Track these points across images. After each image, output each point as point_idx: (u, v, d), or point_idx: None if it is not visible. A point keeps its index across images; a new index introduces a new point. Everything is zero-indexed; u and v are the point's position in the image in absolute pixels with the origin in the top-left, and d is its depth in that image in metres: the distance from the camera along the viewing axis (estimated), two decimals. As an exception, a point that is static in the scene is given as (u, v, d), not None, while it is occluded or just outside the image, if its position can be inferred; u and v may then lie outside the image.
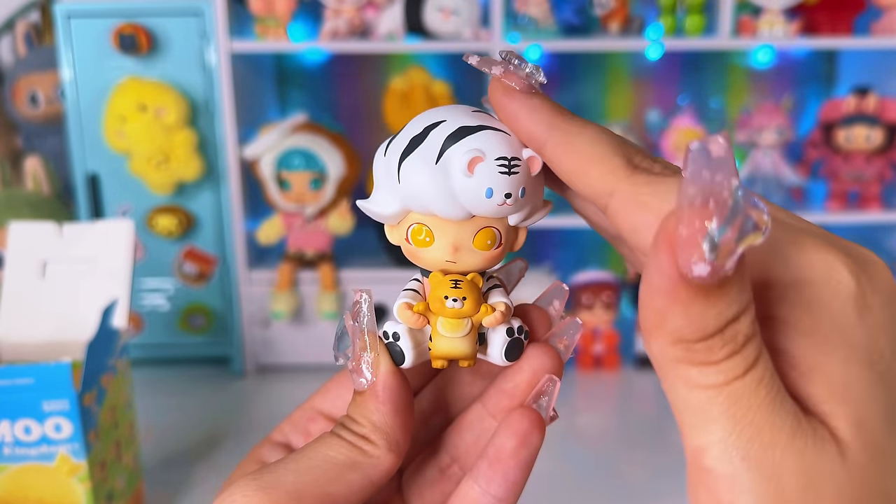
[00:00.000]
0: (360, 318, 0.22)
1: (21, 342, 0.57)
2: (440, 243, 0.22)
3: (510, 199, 0.21)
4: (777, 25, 0.81)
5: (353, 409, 0.23)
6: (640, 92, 0.99)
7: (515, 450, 0.22)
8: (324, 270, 0.84)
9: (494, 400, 0.24)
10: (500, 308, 0.22)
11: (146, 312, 0.89)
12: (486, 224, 0.22)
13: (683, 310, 0.16)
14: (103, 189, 0.85)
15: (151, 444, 0.69)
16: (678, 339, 0.16)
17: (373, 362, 0.22)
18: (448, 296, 0.22)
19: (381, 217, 0.23)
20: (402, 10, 0.81)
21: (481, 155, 0.21)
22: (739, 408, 0.16)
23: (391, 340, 0.22)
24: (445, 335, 0.22)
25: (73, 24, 0.81)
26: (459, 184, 0.21)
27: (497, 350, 0.23)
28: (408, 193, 0.21)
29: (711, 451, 0.16)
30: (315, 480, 0.21)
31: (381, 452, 0.22)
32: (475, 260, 0.22)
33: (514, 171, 0.21)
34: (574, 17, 0.85)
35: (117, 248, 0.57)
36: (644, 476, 0.67)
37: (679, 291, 0.16)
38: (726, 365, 0.16)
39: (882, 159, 0.86)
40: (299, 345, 0.87)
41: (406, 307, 0.22)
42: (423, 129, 0.22)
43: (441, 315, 0.22)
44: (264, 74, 0.95)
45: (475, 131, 0.21)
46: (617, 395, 0.85)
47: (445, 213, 0.21)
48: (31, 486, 0.50)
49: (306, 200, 0.83)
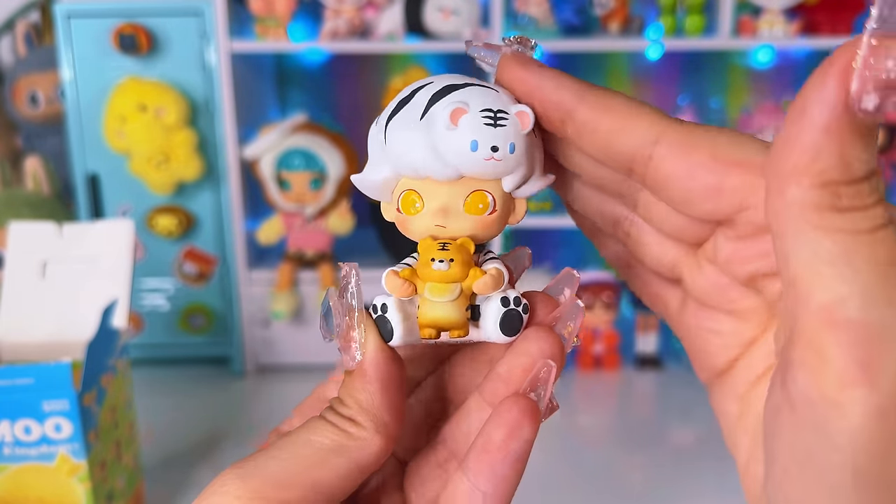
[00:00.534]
0: (346, 294, 0.21)
1: (21, 342, 0.57)
2: (429, 207, 0.21)
3: (497, 153, 0.20)
4: (777, 25, 0.81)
5: (341, 390, 0.21)
6: (640, 92, 0.99)
7: (504, 441, 0.20)
8: (324, 270, 0.84)
9: (491, 386, 0.22)
10: (491, 271, 0.21)
11: (146, 312, 0.89)
12: (478, 187, 0.21)
13: (840, 146, 0.15)
14: (103, 189, 0.85)
15: (151, 444, 0.69)
16: (826, 182, 0.16)
17: (360, 338, 0.21)
18: (435, 258, 0.20)
19: (374, 187, 0.21)
20: (401, 10, 0.81)
21: (464, 107, 0.20)
22: (884, 253, 0.16)
23: (380, 314, 0.21)
24: (432, 299, 0.21)
25: (73, 24, 0.81)
26: (443, 137, 0.20)
27: (491, 323, 0.21)
28: (395, 155, 0.21)
29: (852, 301, 0.15)
30: (298, 466, 0.20)
31: (367, 434, 0.21)
32: (466, 224, 0.21)
33: (500, 124, 0.20)
34: (574, 17, 0.85)
35: (117, 248, 0.57)
36: (644, 476, 0.67)
37: (842, 124, 0.15)
38: (872, 212, 0.16)
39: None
40: (299, 345, 0.87)
41: (392, 273, 0.21)
42: (410, 92, 0.21)
43: (427, 279, 0.21)
44: (264, 74, 0.95)
45: (461, 87, 0.21)
46: (617, 395, 0.85)
47: (432, 170, 0.20)
48: (31, 485, 0.50)
49: (306, 200, 0.83)
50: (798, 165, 0.16)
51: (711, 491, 0.63)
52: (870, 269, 0.15)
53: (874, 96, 0.15)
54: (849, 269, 0.16)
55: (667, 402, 0.82)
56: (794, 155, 0.16)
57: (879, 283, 0.15)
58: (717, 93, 0.99)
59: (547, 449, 0.71)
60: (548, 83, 0.20)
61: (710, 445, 0.72)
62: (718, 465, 0.67)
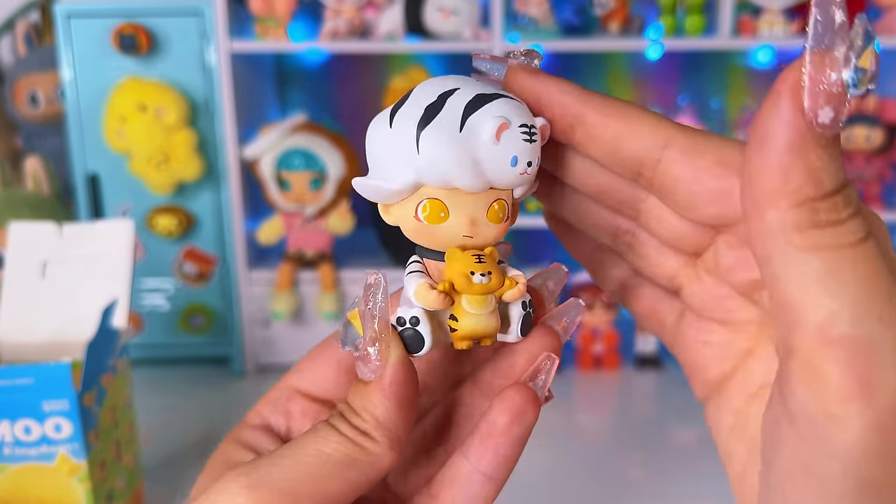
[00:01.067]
0: (373, 303, 0.21)
1: (21, 342, 0.57)
2: (457, 218, 0.21)
3: (531, 168, 0.21)
4: (777, 25, 0.81)
5: (355, 400, 0.21)
6: (640, 92, 0.99)
7: (508, 426, 0.21)
8: (324, 270, 0.84)
9: (489, 379, 0.23)
10: (520, 280, 0.22)
11: (146, 312, 0.89)
12: (499, 196, 0.21)
13: (806, 163, 0.16)
14: (103, 189, 0.85)
15: (151, 444, 0.69)
16: (802, 200, 0.16)
17: (381, 352, 0.21)
18: (475, 271, 0.21)
19: (386, 194, 0.21)
20: (401, 10, 0.81)
21: (507, 122, 0.20)
22: (868, 268, 0.16)
23: (408, 326, 0.21)
24: (473, 312, 0.21)
25: (73, 24, 0.81)
26: (486, 152, 0.20)
27: (515, 325, 0.22)
28: (427, 164, 0.20)
29: (842, 317, 0.16)
30: (309, 478, 0.20)
31: (382, 451, 0.20)
32: (491, 233, 0.21)
33: (534, 139, 0.21)
34: (574, 18, 0.85)
35: (117, 249, 0.57)
36: (644, 476, 0.67)
37: (804, 141, 0.16)
38: (851, 225, 0.16)
39: (882, 159, 0.86)
40: (299, 345, 0.87)
41: (428, 287, 0.21)
42: (437, 97, 0.21)
43: (467, 292, 0.21)
44: (264, 74, 0.95)
45: (492, 98, 0.21)
46: (617, 395, 0.85)
47: (468, 183, 0.20)
48: (31, 486, 0.50)
49: (306, 200, 0.83)
50: (772, 189, 0.16)
51: (711, 491, 0.63)
52: (857, 283, 0.16)
53: (828, 109, 0.15)
54: (837, 285, 0.16)
55: (667, 402, 0.82)
56: (766, 179, 0.16)
57: (868, 297, 0.16)
58: (717, 93, 0.99)
59: (547, 449, 0.71)
60: (555, 90, 0.21)
61: (710, 445, 0.71)
62: (718, 465, 0.67)
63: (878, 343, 0.15)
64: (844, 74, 0.15)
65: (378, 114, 0.22)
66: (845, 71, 0.15)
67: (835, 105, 0.15)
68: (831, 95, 0.15)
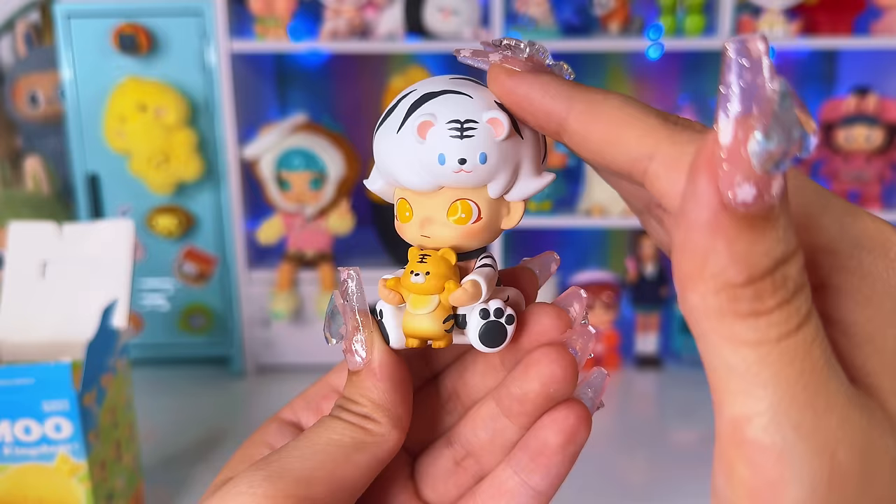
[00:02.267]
0: (349, 297, 0.22)
1: (21, 342, 0.57)
2: (415, 216, 0.21)
3: (466, 165, 0.19)
4: (777, 25, 0.81)
5: (350, 390, 0.22)
6: (640, 92, 0.99)
7: (562, 446, 0.21)
8: (324, 270, 0.84)
9: (507, 403, 0.22)
10: (465, 285, 0.20)
11: (146, 312, 0.89)
12: (460, 195, 0.20)
13: (727, 245, 0.14)
14: (103, 189, 0.85)
15: (151, 444, 0.69)
16: (722, 285, 0.14)
17: (366, 339, 0.21)
18: (413, 270, 0.20)
19: (378, 192, 0.22)
20: (402, 10, 0.81)
21: (431, 119, 0.19)
22: (793, 369, 0.14)
23: (379, 319, 0.22)
24: (411, 311, 0.21)
25: (73, 24, 0.81)
26: (415, 151, 0.20)
27: (473, 333, 0.21)
28: (380, 165, 0.21)
29: (758, 420, 0.15)
30: (321, 465, 0.21)
31: (385, 430, 0.21)
32: (448, 233, 0.21)
33: (466, 135, 0.19)
34: (574, 17, 0.85)
35: (117, 249, 0.57)
36: (644, 476, 0.67)
37: (722, 222, 0.14)
38: (777, 316, 0.14)
39: (882, 159, 0.86)
40: (299, 345, 0.87)
41: (381, 282, 0.21)
42: (396, 100, 0.21)
43: (406, 290, 0.21)
44: (264, 74, 0.95)
45: (437, 96, 0.20)
46: (617, 395, 0.85)
47: (410, 182, 0.20)
48: (31, 485, 0.50)
49: (306, 200, 0.83)
50: (691, 271, 0.15)
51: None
52: (776, 386, 0.15)
53: (747, 186, 0.14)
54: (757, 384, 0.15)
55: (667, 402, 0.82)
56: (686, 260, 0.15)
57: (786, 404, 0.15)
58: (717, 92, 0.99)
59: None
60: (536, 93, 0.20)
61: (710, 445, 0.72)
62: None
63: (789, 455, 0.15)
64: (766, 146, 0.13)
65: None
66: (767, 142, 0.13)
67: (756, 181, 0.14)
68: (751, 171, 0.14)
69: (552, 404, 0.22)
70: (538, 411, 0.22)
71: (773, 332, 0.14)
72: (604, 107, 0.19)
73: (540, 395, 0.21)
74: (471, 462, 0.24)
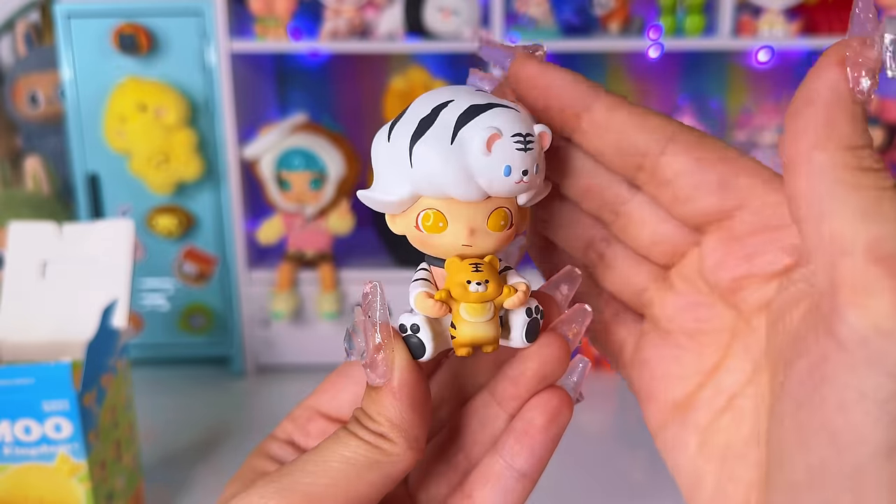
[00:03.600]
0: (372, 312, 0.21)
1: (21, 342, 0.57)
2: (455, 227, 0.21)
3: (527, 177, 0.21)
4: (777, 25, 0.81)
5: (369, 406, 0.22)
6: (640, 92, 0.99)
7: (545, 426, 0.22)
8: (324, 270, 0.84)
9: (501, 387, 0.23)
10: (521, 288, 0.22)
11: (146, 312, 0.89)
12: (499, 204, 0.21)
13: (849, 120, 0.18)
14: (103, 189, 0.85)
15: (151, 444, 0.69)
16: (848, 145, 0.18)
17: (387, 357, 0.21)
18: (471, 280, 0.21)
19: (387, 206, 0.22)
20: (401, 10, 0.81)
21: (498, 132, 0.20)
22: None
23: (409, 333, 0.22)
24: (470, 320, 0.21)
25: (73, 24, 0.81)
26: (477, 163, 0.20)
27: (518, 332, 0.22)
28: (421, 177, 0.21)
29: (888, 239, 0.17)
30: (334, 482, 0.21)
31: (400, 451, 0.21)
32: (490, 242, 0.21)
33: (529, 147, 0.21)
34: (574, 17, 0.85)
35: (117, 248, 0.57)
36: (644, 476, 0.67)
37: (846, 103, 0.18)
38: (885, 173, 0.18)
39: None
40: (299, 345, 0.87)
41: (426, 296, 0.21)
42: (431, 110, 0.21)
43: (464, 301, 0.21)
44: (264, 74, 0.95)
45: (486, 109, 0.21)
46: (617, 395, 0.85)
47: (462, 194, 0.21)
48: (31, 485, 0.50)
49: (306, 200, 0.83)
50: (819, 138, 0.18)
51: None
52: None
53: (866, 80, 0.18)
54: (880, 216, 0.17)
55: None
56: (813, 131, 0.18)
57: None
58: (717, 92, 0.99)
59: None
60: (564, 79, 0.22)
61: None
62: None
63: None
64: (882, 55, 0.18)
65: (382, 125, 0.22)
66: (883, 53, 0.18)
67: (871, 77, 0.18)
68: (869, 69, 0.18)
69: (541, 387, 0.23)
70: (529, 394, 0.23)
71: (885, 183, 0.18)
72: (626, 100, 0.22)
73: (536, 374, 0.22)
74: (461, 458, 0.24)
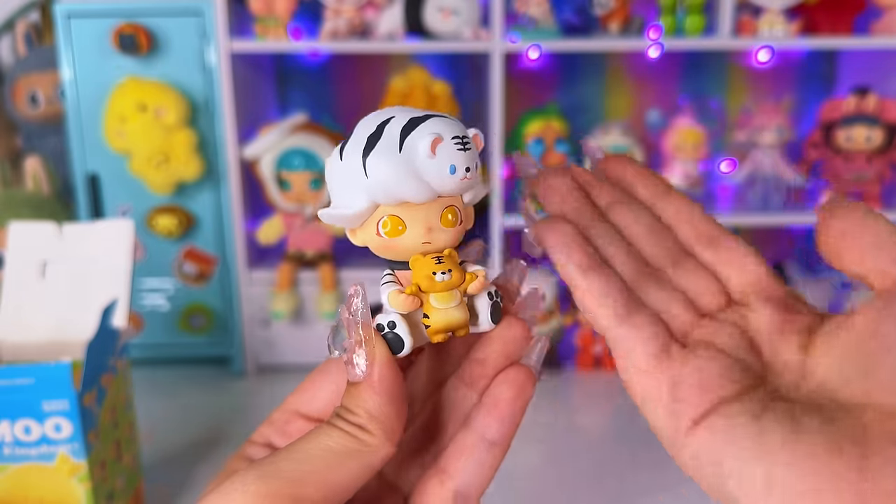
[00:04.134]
0: (354, 311, 0.23)
1: (21, 342, 0.57)
2: (413, 228, 0.23)
3: (469, 173, 0.23)
4: (777, 25, 0.81)
5: (348, 400, 0.23)
6: (640, 92, 0.99)
7: (513, 398, 0.24)
8: (324, 270, 0.84)
9: (468, 370, 0.25)
10: (480, 274, 0.24)
11: (146, 312, 0.89)
12: (449, 203, 0.24)
13: None
14: (103, 189, 0.85)
15: (151, 444, 0.69)
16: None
17: (368, 353, 0.23)
18: (436, 271, 0.23)
19: (349, 220, 0.24)
20: (402, 10, 0.81)
21: (440, 136, 0.22)
22: None
23: (387, 330, 0.23)
24: (441, 307, 0.24)
25: (73, 24, 0.81)
26: (424, 166, 0.22)
27: (485, 315, 0.24)
28: (377, 186, 0.23)
29: None
30: (315, 469, 0.22)
31: (378, 441, 0.22)
32: (446, 237, 0.24)
33: (468, 147, 0.23)
34: (574, 17, 0.85)
35: (117, 248, 0.57)
36: (644, 476, 0.67)
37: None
38: None
39: (882, 159, 0.86)
40: (299, 345, 0.87)
41: (398, 292, 0.23)
42: (376, 127, 0.23)
43: (432, 291, 0.23)
44: (264, 74, 0.95)
45: (425, 119, 0.23)
46: (617, 395, 0.85)
47: (415, 196, 0.23)
48: (31, 485, 0.50)
49: (306, 200, 0.83)
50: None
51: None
52: None
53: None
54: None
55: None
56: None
57: None
58: (717, 92, 0.99)
59: (547, 448, 0.71)
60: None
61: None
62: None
63: None
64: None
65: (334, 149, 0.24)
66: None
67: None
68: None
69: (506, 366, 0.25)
70: (495, 373, 0.25)
71: None
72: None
73: (500, 354, 0.25)
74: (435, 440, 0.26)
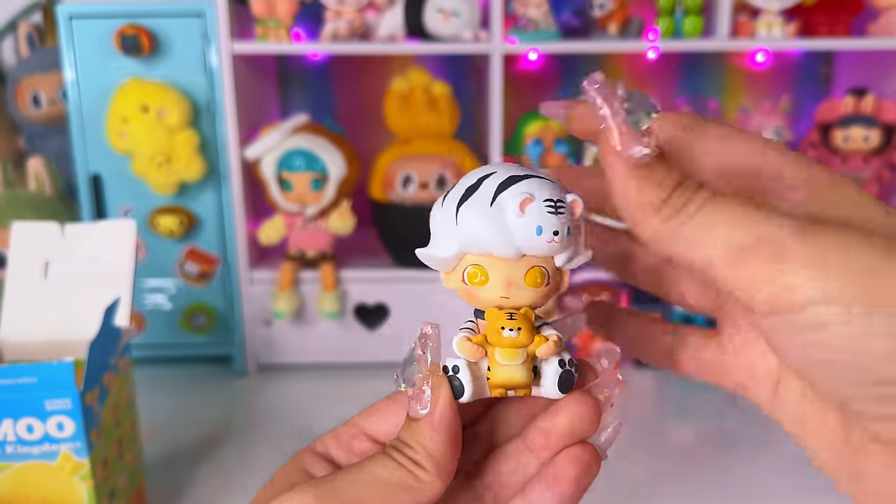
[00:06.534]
0: (426, 349, 0.24)
1: (23, 341, 0.57)
2: (495, 280, 0.24)
3: (557, 237, 0.23)
4: (775, 27, 0.82)
5: (407, 435, 0.24)
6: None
7: (577, 478, 0.24)
8: (325, 270, 0.85)
9: (532, 436, 0.26)
10: (552, 338, 0.24)
11: (148, 312, 0.89)
12: (536, 263, 0.24)
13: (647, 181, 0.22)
14: (106, 189, 0.85)
15: (153, 443, 0.69)
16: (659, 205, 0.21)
17: (433, 391, 0.24)
18: (504, 326, 0.24)
19: (440, 262, 0.25)
20: (402, 11, 0.82)
21: (531, 196, 0.23)
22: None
23: (451, 374, 0.24)
24: (503, 363, 0.24)
25: (75, 25, 0.81)
26: (512, 223, 0.23)
27: (550, 381, 0.25)
28: (466, 235, 0.24)
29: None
30: (369, 495, 0.22)
31: (431, 479, 0.23)
32: (527, 295, 0.24)
33: (559, 211, 0.23)
34: (573, 19, 0.86)
35: (119, 248, 0.58)
36: (643, 475, 0.67)
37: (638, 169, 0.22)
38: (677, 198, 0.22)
39: (880, 160, 0.87)
40: (301, 344, 0.88)
41: (465, 339, 0.24)
42: (476, 180, 0.24)
43: (498, 345, 0.24)
44: (265, 76, 0.95)
45: (523, 178, 0.24)
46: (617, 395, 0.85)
47: (500, 250, 0.23)
48: (33, 484, 0.51)
49: (307, 201, 0.84)
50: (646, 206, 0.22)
51: (711, 490, 0.64)
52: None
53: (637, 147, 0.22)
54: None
55: (667, 402, 0.83)
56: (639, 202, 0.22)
57: None
58: (715, 93, 0.99)
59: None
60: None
61: (709, 445, 0.72)
62: (718, 464, 0.68)
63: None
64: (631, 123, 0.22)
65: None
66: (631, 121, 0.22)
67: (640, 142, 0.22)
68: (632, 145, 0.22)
69: (571, 443, 0.25)
70: (559, 446, 0.25)
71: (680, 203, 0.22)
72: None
73: (566, 429, 0.25)
74: (488, 496, 0.26)
